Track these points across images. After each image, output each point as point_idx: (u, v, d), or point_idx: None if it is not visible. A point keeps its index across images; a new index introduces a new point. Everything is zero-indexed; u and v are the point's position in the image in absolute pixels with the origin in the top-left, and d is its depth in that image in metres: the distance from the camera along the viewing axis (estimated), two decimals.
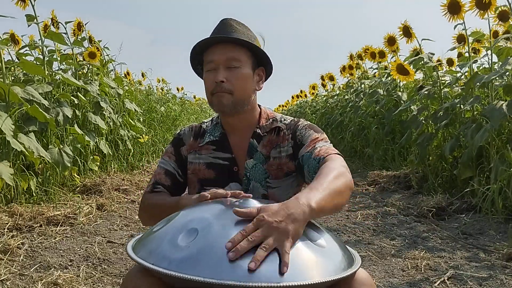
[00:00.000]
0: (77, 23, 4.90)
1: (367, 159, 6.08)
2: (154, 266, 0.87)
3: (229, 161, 1.32)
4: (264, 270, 0.83)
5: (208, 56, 1.28)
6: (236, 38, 1.25)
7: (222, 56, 1.25)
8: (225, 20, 1.30)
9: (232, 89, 1.25)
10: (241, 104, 1.28)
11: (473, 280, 2.12)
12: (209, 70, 1.28)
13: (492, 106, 3.20)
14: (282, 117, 1.38)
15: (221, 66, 1.25)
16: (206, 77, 1.29)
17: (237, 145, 1.34)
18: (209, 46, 1.29)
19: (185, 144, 1.38)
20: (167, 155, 1.39)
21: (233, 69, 1.25)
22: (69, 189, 3.79)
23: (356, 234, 2.99)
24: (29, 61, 3.63)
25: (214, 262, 0.84)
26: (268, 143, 1.33)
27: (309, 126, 1.33)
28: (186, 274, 0.82)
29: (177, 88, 13.73)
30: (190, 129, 1.41)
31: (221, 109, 1.28)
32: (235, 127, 1.34)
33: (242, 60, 1.26)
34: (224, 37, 1.26)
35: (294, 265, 0.86)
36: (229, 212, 0.98)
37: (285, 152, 1.32)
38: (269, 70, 1.36)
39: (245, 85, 1.27)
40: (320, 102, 11.44)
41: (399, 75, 4.37)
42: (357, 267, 0.96)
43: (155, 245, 0.94)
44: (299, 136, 1.31)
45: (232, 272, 0.82)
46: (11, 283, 2.04)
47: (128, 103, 5.60)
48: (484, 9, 3.50)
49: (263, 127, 1.34)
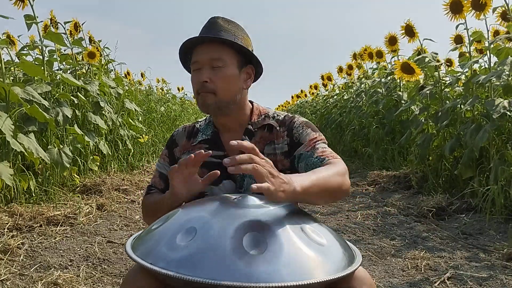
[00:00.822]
0: (73, 24, 4.89)
1: (367, 159, 6.08)
2: (152, 266, 0.87)
3: (222, 159, 1.32)
4: (263, 270, 0.83)
5: (194, 56, 1.29)
6: (219, 38, 1.25)
7: (205, 56, 1.25)
8: (213, 18, 1.30)
9: (215, 89, 1.25)
10: (225, 104, 1.28)
11: (473, 280, 2.12)
12: (194, 70, 1.29)
13: (492, 100, 3.20)
14: (275, 113, 1.37)
15: (205, 66, 1.26)
16: (192, 77, 1.30)
17: (229, 142, 1.34)
18: (196, 45, 1.29)
19: (178, 145, 1.39)
20: (162, 158, 1.41)
21: (216, 69, 1.25)
22: (69, 189, 3.79)
23: (356, 234, 2.99)
24: (28, 62, 3.63)
25: (213, 262, 0.84)
26: (261, 139, 1.32)
27: (306, 124, 1.31)
28: (185, 274, 0.82)
29: (178, 88, 13.73)
30: (184, 129, 1.41)
31: (205, 109, 1.28)
32: (226, 125, 1.34)
33: (226, 59, 1.26)
34: (206, 36, 1.26)
35: (294, 264, 0.85)
36: (227, 210, 0.98)
37: (280, 149, 1.31)
38: (259, 68, 1.35)
39: (228, 85, 1.27)
40: (320, 102, 11.43)
41: (404, 74, 4.33)
42: (358, 265, 0.95)
43: (153, 244, 0.93)
44: (296, 134, 1.29)
45: (231, 272, 0.82)
46: (11, 283, 2.04)
47: (128, 103, 5.60)
48: (480, 10, 3.51)
49: (255, 123, 1.34)
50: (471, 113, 3.83)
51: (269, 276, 0.82)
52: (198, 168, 1.21)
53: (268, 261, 0.84)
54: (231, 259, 0.84)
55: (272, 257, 0.85)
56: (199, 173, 1.30)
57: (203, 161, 1.30)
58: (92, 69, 4.97)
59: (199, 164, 1.19)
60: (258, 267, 0.83)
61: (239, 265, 0.83)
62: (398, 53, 5.33)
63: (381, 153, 5.62)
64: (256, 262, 0.84)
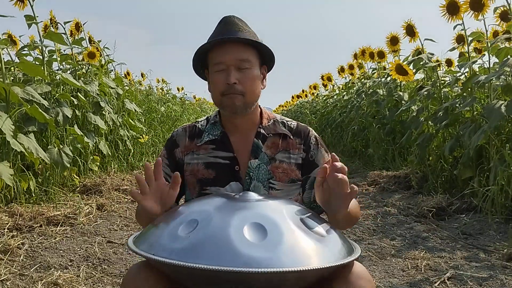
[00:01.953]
0: (75, 24, 4.89)
1: (367, 159, 6.08)
2: (155, 256, 0.88)
3: (230, 160, 1.31)
4: (264, 257, 0.84)
5: (217, 57, 1.27)
6: (248, 39, 1.25)
7: (232, 57, 1.25)
8: (228, 18, 1.30)
9: (244, 91, 1.26)
10: (251, 105, 1.29)
11: (473, 280, 2.12)
12: (218, 71, 1.27)
13: (491, 106, 3.20)
14: (282, 119, 1.38)
15: (231, 67, 1.25)
16: (215, 77, 1.28)
17: (238, 144, 1.33)
18: (214, 46, 1.28)
19: (179, 146, 1.36)
20: (160, 158, 1.35)
21: (244, 70, 1.25)
22: (69, 189, 3.79)
23: (356, 234, 2.99)
24: (28, 62, 3.63)
25: (215, 250, 0.85)
26: (273, 144, 1.33)
27: (320, 142, 1.37)
28: (187, 262, 0.83)
29: (178, 88, 13.73)
30: (184, 130, 1.39)
31: (233, 110, 1.28)
32: (239, 126, 1.34)
33: (252, 61, 1.27)
34: (236, 38, 1.25)
35: (293, 252, 0.87)
36: (229, 204, 0.99)
37: (295, 160, 1.33)
38: (270, 68, 1.37)
39: (255, 86, 1.28)
40: (320, 102, 11.43)
41: (398, 76, 4.38)
42: (357, 255, 0.97)
43: (155, 237, 0.95)
44: (311, 152, 1.34)
45: (233, 259, 0.83)
46: (11, 283, 2.04)
47: (128, 103, 5.60)
48: (478, 10, 3.52)
49: (267, 128, 1.35)
50: (470, 113, 3.84)
51: (269, 263, 0.83)
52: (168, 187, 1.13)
53: (268, 249, 0.86)
54: (232, 247, 0.85)
55: (272, 245, 0.87)
56: (207, 175, 1.31)
57: (211, 162, 1.31)
58: (92, 69, 4.97)
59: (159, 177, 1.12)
60: (258, 255, 0.84)
61: (240, 252, 0.84)
62: (399, 53, 5.33)
63: (381, 153, 5.62)
64: (256, 250, 0.85)
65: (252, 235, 0.88)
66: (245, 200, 1.01)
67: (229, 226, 0.89)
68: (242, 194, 1.04)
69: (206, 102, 17.35)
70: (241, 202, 1.00)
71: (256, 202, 1.00)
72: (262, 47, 1.29)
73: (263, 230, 0.89)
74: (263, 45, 1.28)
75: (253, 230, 0.89)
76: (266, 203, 1.01)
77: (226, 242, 0.86)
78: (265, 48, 1.29)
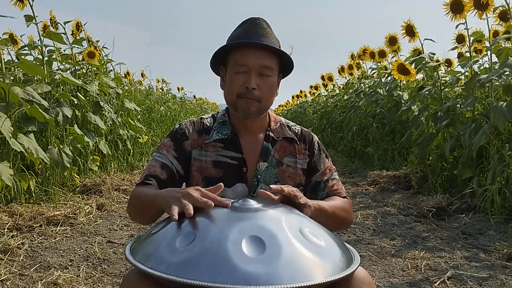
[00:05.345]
0: (75, 24, 4.89)
1: (367, 159, 6.08)
2: (152, 270, 0.87)
3: (238, 161, 1.31)
4: (262, 272, 0.83)
5: (240, 58, 1.25)
6: (277, 49, 1.25)
7: (257, 61, 1.24)
8: (256, 20, 1.29)
9: (261, 97, 1.26)
10: (264, 111, 1.31)
11: (473, 280, 2.12)
12: (238, 72, 1.26)
13: (498, 106, 3.18)
14: (286, 122, 1.40)
15: (253, 72, 1.24)
16: (234, 78, 1.26)
17: (248, 145, 1.33)
18: (239, 46, 1.26)
19: (189, 139, 1.33)
20: (165, 149, 1.32)
21: (265, 77, 1.26)
22: (69, 189, 3.79)
23: (356, 234, 2.99)
24: (28, 61, 3.63)
25: (212, 265, 0.84)
26: (281, 148, 1.35)
27: (322, 149, 1.40)
28: (184, 278, 0.82)
29: (178, 88, 13.73)
30: (192, 124, 1.36)
31: (246, 115, 1.28)
32: (249, 128, 1.34)
33: (274, 68, 1.27)
34: (265, 44, 1.24)
35: (293, 266, 0.86)
36: (226, 213, 0.98)
37: (301, 165, 1.35)
38: (284, 77, 1.39)
39: (271, 94, 1.29)
40: (320, 102, 11.43)
41: (400, 75, 4.37)
42: (356, 266, 0.95)
43: (153, 248, 0.94)
44: (315, 158, 1.38)
45: (230, 275, 0.82)
46: (11, 283, 2.04)
47: (128, 103, 5.60)
48: (483, 10, 3.50)
49: (275, 131, 1.36)
50: (471, 113, 3.83)
51: (268, 278, 0.82)
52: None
53: (267, 263, 0.84)
54: (231, 262, 0.84)
55: (271, 259, 0.85)
56: (214, 174, 1.31)
57: (220, 161, 1.32)
58: (92, 69, 4.97)
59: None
60: (257, 269, 0.83)
61: (238, 267, 0.83)
62: (398, 53, 5.32)
63: (381, 153, 5.62)
64: (255, 264, 0.84)
65: (250, 249, 0.86)
66: (243, 209, 0.99)
67: (227, 240, 0.87)
68: (242, 202, 1.02)
69: (206, 102, 17.35)
70: (239, 212, 0.99)
71: (253, 213, 0.98)
72: (285, 57, 1.29)
73: (261, 243, 0.88)
74: (287, 55, 1.28)
75: (251, 244, 0.87)
76: (265, 213, 0.99)
77: (224, 256, 0.85)
78: (287, 59, 1.29)
